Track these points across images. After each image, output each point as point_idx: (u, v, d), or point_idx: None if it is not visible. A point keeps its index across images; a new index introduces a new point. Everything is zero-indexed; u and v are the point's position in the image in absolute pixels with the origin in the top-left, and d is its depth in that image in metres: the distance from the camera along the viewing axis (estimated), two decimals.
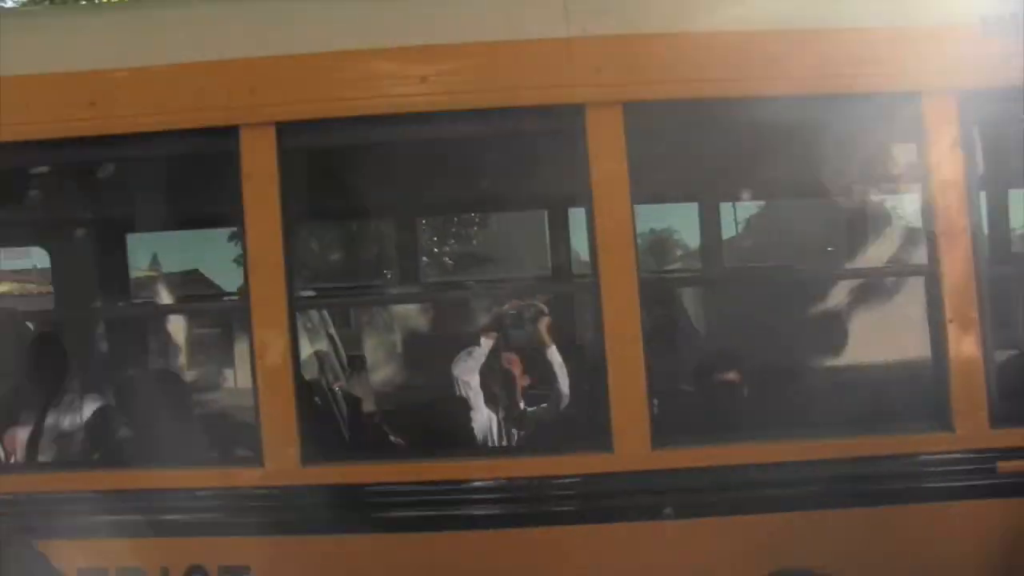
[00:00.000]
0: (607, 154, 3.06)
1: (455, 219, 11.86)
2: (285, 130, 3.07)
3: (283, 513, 3.11)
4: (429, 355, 5.56)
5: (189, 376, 5.17)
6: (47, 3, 9.87)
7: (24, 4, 10.37)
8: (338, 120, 3.09)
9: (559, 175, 3.64)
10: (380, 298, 5.60)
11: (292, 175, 3.12)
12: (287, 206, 3.08)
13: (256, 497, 3.13)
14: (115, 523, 3.16)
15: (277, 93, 3.08)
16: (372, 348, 5.47)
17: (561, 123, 3.16)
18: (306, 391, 3.32)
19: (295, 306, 3.10)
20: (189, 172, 3.65)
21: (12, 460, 4.03)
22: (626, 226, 3.07)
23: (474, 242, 12.92)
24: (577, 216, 5.31)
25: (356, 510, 3.14)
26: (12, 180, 3.93)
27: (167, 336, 5.33)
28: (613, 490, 3.09)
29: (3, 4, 10.14)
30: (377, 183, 4.21)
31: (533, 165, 3.95)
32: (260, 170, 3.06)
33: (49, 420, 4.32)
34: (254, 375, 3.12)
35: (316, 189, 3.93)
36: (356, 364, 5.19)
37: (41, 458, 4.22)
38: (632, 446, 3.07)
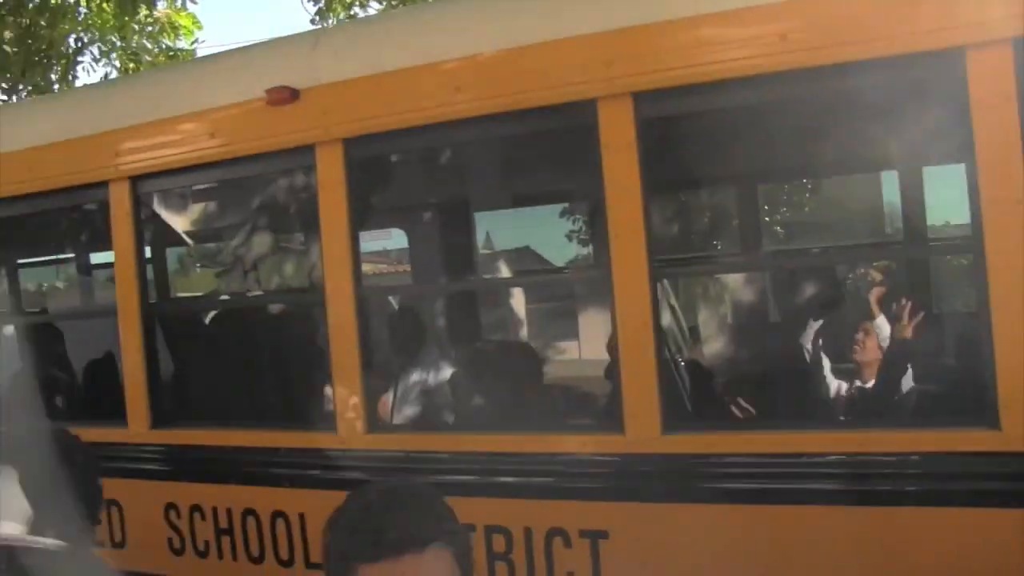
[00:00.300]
0: (995, 100, 2.71)
1: (785, 186, 11.39)
2: (641, 100, 3.07)
3: (642, 480, 3.13)
4: (772, 325, 5.40)
5: (538, 345, 5.38)
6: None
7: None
8: (695, 86, 3.03)
9: (923, 130, 3.35)
10: (733, 266, 5.47)
11: (649, 144, 3.11)
12: (645, 175, 3.08)
13: (617, 464, 3.18)
14: (483, 484, 3.36)
15: (633, 64, 3.06)
16: (710, 318, 5.38)
17: (935, 71, 2.86)
18: (665, 360, 3.30)
19: (655, 275, 3.10)
20: (545, 149, 3.78)
21: (385, 421, 4.41)
22: (1019, 181, 2.72)
23: (806, 209, 12.36)
24: (932, 175, 4.91)
25: (712, 480, 3.09)
26: (380, 167, 4.27)
27: (514, 308, 5.60)
28: (999, 472, 2.78)
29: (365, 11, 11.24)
30: (729, 149, 4.12)
31: (891, 121, 3.66)
32: (619, 140, 3.08)
33: (409, 386, 4.70)
34: (616, 344, 3.16)
35: (671, 157, 3.91)
36: (696, 334, 5.14)
37: (400, 420, 4.61)
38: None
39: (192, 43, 12.60)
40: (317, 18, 11.03)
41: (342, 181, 3.58)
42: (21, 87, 11.71)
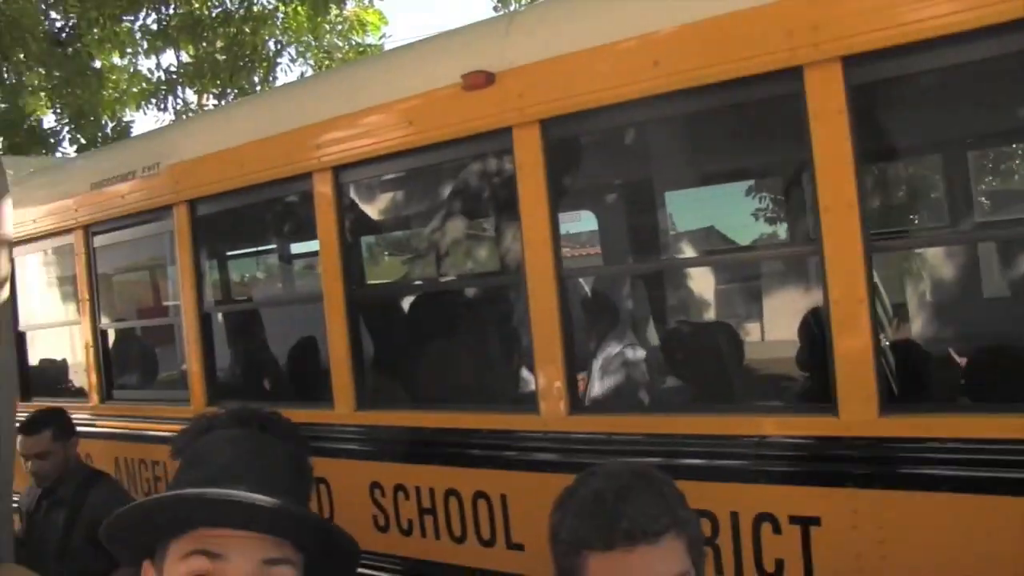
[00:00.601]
0: None
1: (1002, 150, 10.51)
2: (852, 64, 2.88)
3: (858, 465, 2.95)
4: (987, 300, 5.05)
5: (736, 324, 5.21)
6: None
7: None
8: (910, 46, 2.79)
9: None
10: (950, 238, 5.12)
11: (859, 111, 2.92)
12: (857, 143, 2.89)
13: (830, 447, 3.01)
14: (689, 466, 3.26)
15: (842, 26, 2.87)
16: (923, 293, 5.08)
17: None
18: (880, 339, 3.11)
19: (870, 250, 2.92)
20: (746, 122, 3.63)
21: (586, 402, 4.39)
22: None
23: (1016, 176, 11.38)
24: None
25: (932, 466, 2.87)
26: (576, 148, 4.25)
27: (709, 288, 5.47)
28: None
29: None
30: (948, 112, 3.84)
31: None
32: (828, 108, 2.90)
33: (609, 367, 4.67)
34: (827, 322, 3.00)
35: (883, 124, 3.68)
36: (904, 311, 4.86)
37: (601, 402, 4.58)
38: None
39: (380, 38, 13.15)
40: (499, 4, 11.19)
41: (540, 163, 3.57)
42: (229, 91, 12.55)
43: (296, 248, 7.25)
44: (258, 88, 12.63)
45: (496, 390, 4.58)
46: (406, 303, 5.33)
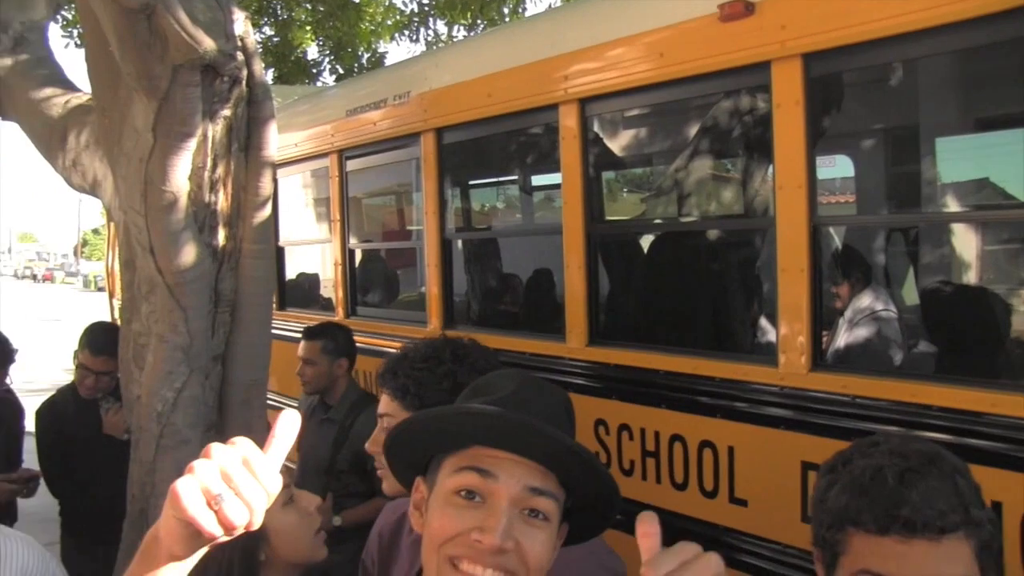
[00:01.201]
0: None
1: None
2: None
3: None
4: None
5: (998, 290, 4.68)
6: None
7: None
8: None
9: None
10: None
11: None
12: None
13: None
14: (947, 444, 2.96)
15: None
16: None
17: None
18: None
19: None
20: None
21: (829, 360, 4.14)
22: None
23: None
24: None
25: None
26: (840, 86, 3.94)
27: (965, 248, 4.96)
28: None
29: None
30: None
31: None
32: None
33: (857, 324, 4.38)
34: None
35: None
36: None
37: (846, 361, 4.28)
38: None
39: None
40: None
41: (799, 101, 3.30)
42: (479, 22, 12.78)
43: (537, 180, 7.28)
44: (507, 19, 12.75)
45: (732, 338, 4.40)
46: (645, 241, 5.22)
